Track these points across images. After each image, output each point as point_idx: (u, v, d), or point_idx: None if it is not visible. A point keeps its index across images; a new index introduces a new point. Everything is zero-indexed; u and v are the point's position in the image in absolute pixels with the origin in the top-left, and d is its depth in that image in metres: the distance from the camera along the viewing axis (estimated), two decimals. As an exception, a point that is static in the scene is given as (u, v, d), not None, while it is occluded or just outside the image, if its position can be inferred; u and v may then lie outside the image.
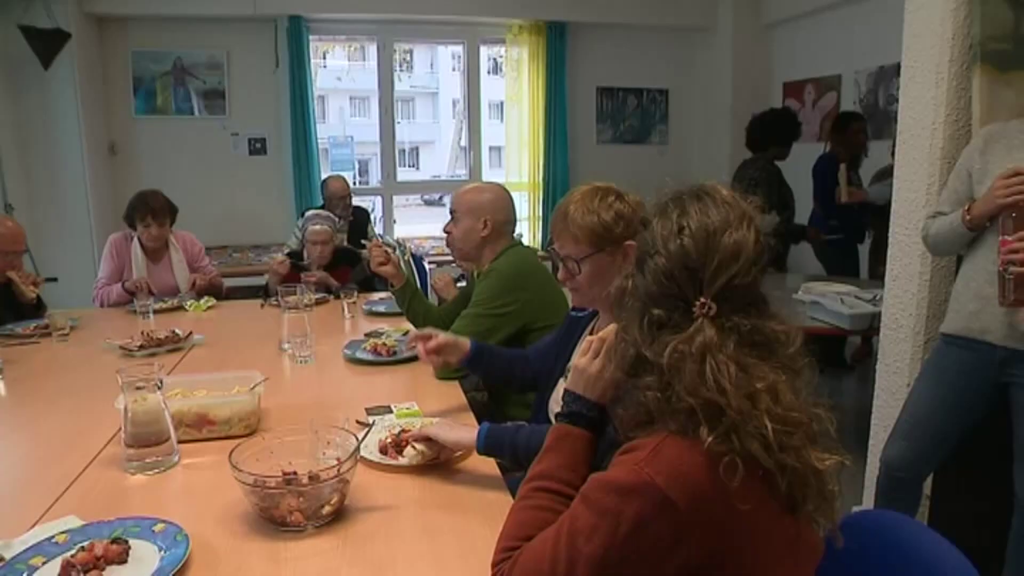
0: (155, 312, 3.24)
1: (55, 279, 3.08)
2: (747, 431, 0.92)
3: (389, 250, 2.58)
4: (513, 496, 1.42)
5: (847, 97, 5.42)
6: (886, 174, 3.91)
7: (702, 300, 0.98)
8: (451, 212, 2.45)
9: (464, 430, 1.58)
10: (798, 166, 4.52)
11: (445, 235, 2.49)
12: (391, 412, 1.89)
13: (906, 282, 2.57)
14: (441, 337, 1.90)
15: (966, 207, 2.06)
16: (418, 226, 7.68)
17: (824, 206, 4.50)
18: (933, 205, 2.35)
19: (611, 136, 6.78)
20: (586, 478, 1.08)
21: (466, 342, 1.95)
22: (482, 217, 2.37)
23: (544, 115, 6.36)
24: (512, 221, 2.46)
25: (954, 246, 2.19)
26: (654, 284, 1.02)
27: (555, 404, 1.79)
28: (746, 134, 4.46)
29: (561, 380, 1.80)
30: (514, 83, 6.45)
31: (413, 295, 2.56)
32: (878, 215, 4.44)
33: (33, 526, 1.36)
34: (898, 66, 2.68)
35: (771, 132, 4.35)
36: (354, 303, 3.16)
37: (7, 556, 1.23)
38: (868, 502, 2.66)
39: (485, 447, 1.54)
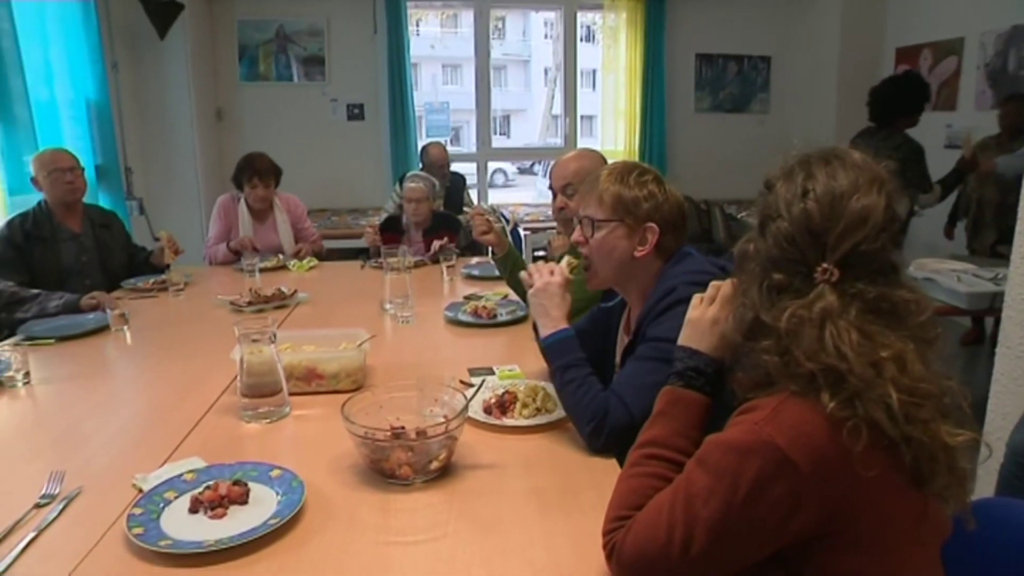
0: (260, 271, 3.36)
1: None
2: (871, 399, 0.88)
3: (492, 219, 2.57)
4: (619, 460, 1.42)
5: (969, 62, 5.06)
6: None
7: (824, 266, 0.95)
8: (564, 188, 2.38)
9: (548, 321, 1.59)
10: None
11: (557, 211, 2.40)
12: (493, 374, 1.90)
13: (1037, 260, 2.39)
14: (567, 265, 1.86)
15: None
16: (511, 193, 7.71)
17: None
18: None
19: (709, 105, 6.59)
20: (699, 443, 1.07)
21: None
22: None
23: (641, 83, 6.22)
24: None
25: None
26: (775, 248, 0.99)
27: None
28: (871, 104, 4.08)
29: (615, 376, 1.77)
30: (610, 50, 6.32)
31: (515, 263, 2.56)
32: (997, 188, 4.17)
33: (163, 463, 1.45)
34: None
35: (901, 101, 3.97)
36: (452, 267, 3.20)
37: (145, 488, 1.32)
38: (980, 491, 2.52)
39: (546, 348, 1.57)
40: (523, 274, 1.70)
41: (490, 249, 2.57)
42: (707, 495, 0.93)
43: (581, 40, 6.54)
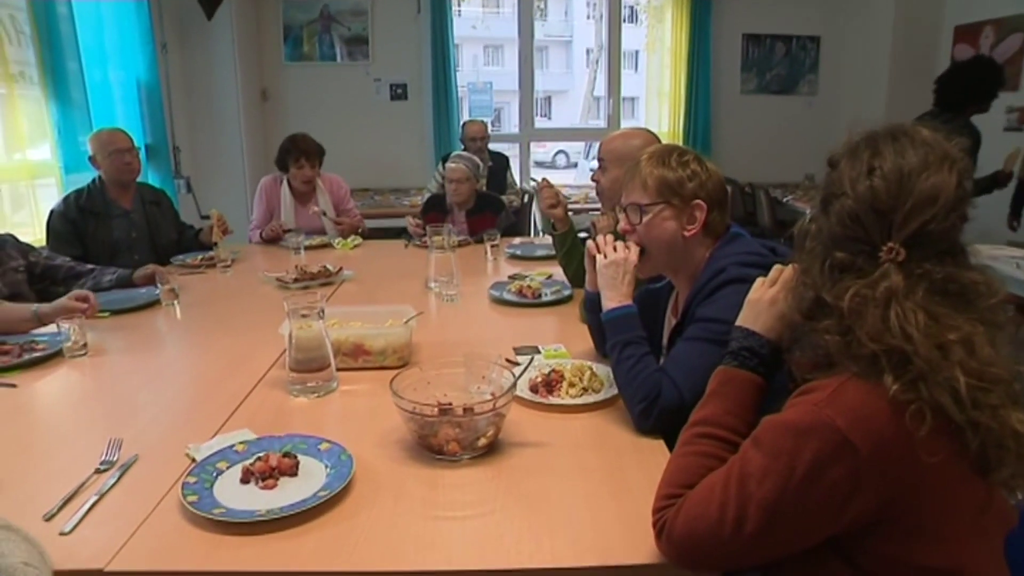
0: (305, 248, 3.40)
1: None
2: (936, 382, 0.86)
3: (561, 194, 2.55)
4: (665, 441, 1.41)
5: (1034, 39, 4.85)
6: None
7: (890, 245, 0.92)
8: (599, 160, 2.38)
9: (615, 294, 1.58)
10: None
11: (594, 184, 2.42)
12: (539, 353, 1.89)
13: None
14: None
15: None
16: (551, 176, 7.68)
17: None
18: None
19: (756, 86, 6.44)
20: (753, 426, 1.05)
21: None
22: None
23: (686, 64, 6.11)
24: None
25: None
26: (838, 226, 0.97)
27: None
28: (939, 90, 3.87)
29: (660, 358, 1.75)
30: (654, 30, 6.22)
31: (573, 241, 2.53)
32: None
33: (214, 435, 1.47)
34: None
35: (973, 88, 3.76)
36: (496, 246, 3.19)
37: (197, 458, 1.35)
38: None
39: (609, 322, 1.56)
40: (590, 243, 1.69)
41: (532, 226, 2.55)
42: (762, 475, 0.91)
43: (624, 20, 6.44)
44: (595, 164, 2.42)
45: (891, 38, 5.72)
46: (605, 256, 1.62)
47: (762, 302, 1.16)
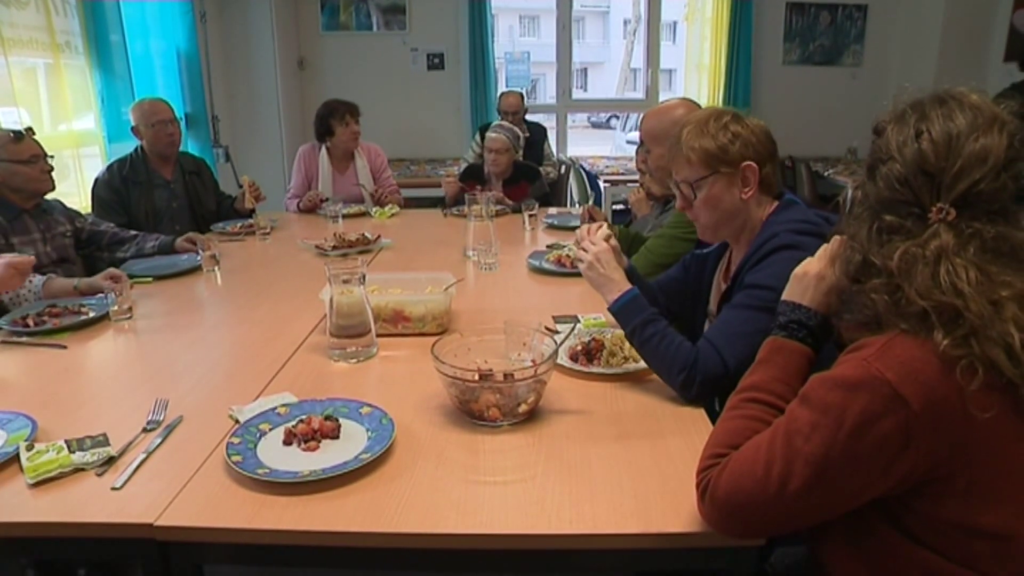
0: (343, 217, 3.41)
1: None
2: (988, 337, 0.85)
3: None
4: (707, 410, 1.39)
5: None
6: None
7: (939, 205, 0.92)
8: (640, 143, 2.34)
9: (612, 286, 1.55)
10: None
11: (639, 173, 2.36)
12: (579, 322, 1.88)
13: None
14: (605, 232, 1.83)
15: None
16: (587, 147, 7.60)
17: None
18: None
19: (799, 57, 6.25)
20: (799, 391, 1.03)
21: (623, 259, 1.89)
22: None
23: (727, 34, 5.96)
24: None
25: None
26: (886, 190, 0.96)
27: None
28: None
29: (705, 323, 1.73)
30: (694, 1, 6.06)
31: (631, 241, 2.45)
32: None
33: (257, 397, 1.49)
34: None
35: None
36: (534, 215, 3.17)
37: (241, 419, 1.36)
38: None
39: (617, 312, 1.53)
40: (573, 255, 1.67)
41: (568, 197, 2.53)
42: (809, 430, 0.90)
43: (662, -9, 6.30)
44: (632, 136, 2.38)
45: (944, 5, 5.50)
46: (581, 262, 1.63)
47: (808, 276, 1.14)
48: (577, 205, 4.65)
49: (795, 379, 1.08)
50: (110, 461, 1.24)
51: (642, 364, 1.57)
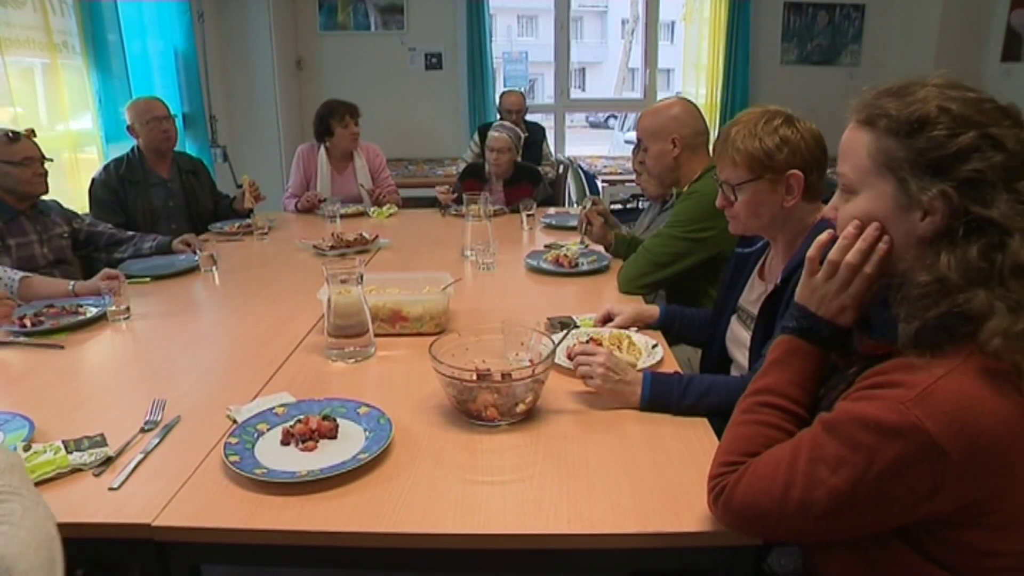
0: (341, 217, 3.41)
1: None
2: None
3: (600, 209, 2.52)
4: (710, 420, 1.38)
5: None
6: None
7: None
8: (637, 142, 2.35)
9: (634, 389, 1.42)
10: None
11: (635, 173, 2.37)
12: (575, 322, 1.88)
13: None
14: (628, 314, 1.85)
15: None
16: (585, 147, 7.59)
17: None
18: None
19: (796, 56, 6.25)
20: (813, 396, 1.02)
21: (654, 311, 1.89)
22: (669, 136, 2.25)
23: (725, 34, 5.96)
24: (703, 131, 2.30)
25: None
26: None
27: (730, 343, 1.72)
28: None
29: (733, 318, 1.72)
30: (692, 0, 6.06)
31: (628, 245, 2.46)
32: None
33: (255, 397, 1.49)
34: None
35: None
36: (532, 216, 3.17)
37: (238, 419, 1.36)
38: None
39: (650, 403, 1.41)
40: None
41: (567, 197, 2.54)
42: (836, 464, 0.88)
43: (660, -9, 6.31)
44: (630, 135, 2.40)
45: (941, 4, 5.50)
46: (591, 379, 1.45)
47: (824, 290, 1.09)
48: (576, 205, 4.64)
49: (809, 382, 1.05)
50: (108, 461, 1.24)
51: (640, 365, 1.57)
